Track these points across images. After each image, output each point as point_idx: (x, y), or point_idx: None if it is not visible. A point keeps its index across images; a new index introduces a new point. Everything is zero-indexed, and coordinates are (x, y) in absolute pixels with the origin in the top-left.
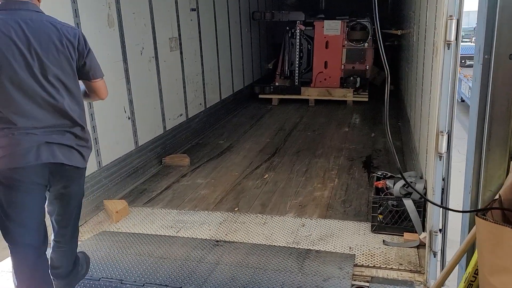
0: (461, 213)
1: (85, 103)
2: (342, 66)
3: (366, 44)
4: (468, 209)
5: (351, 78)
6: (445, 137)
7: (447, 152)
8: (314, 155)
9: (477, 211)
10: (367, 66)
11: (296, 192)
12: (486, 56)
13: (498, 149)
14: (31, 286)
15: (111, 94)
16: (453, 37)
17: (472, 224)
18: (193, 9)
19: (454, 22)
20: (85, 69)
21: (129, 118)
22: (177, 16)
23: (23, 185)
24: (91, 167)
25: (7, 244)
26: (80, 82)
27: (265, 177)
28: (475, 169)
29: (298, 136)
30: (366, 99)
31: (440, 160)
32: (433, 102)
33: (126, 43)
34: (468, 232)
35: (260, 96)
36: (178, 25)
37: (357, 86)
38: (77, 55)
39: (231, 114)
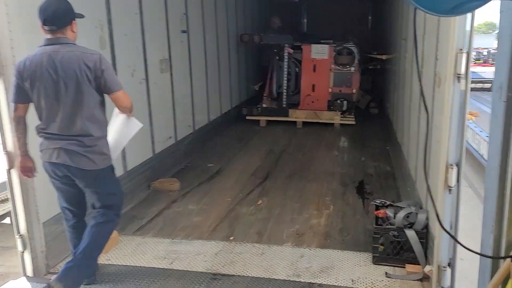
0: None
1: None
2: (330, 89)
3: (352, 69)
4: (490, 251)
5: (338, 101)
6: (455, 169)
7: (457, 185)
8: (307, 180)
9: None
10: (354, 90)
11: (292, 219)
12: (510, 94)
13: None
14: (71, 240)
15: None
16: (463, 70)
17: (495, 266)
18: (183, 31)
19: (464, 55)
20: (102, 85)
21: None
22: (168, 38)
23: (51, 174)
24: None
25: None
26: None
27: (259, 203)
28: (498, 208)
29: (289, 159)
30: (353, 122)
31: (449, 193)
32: (437, 133)
33: (118, 65)
34: (491, 275)
35: (248, 117)
36: (169, 47)
37: (344, 109)
38: (94, 75)
39: (219, 136)
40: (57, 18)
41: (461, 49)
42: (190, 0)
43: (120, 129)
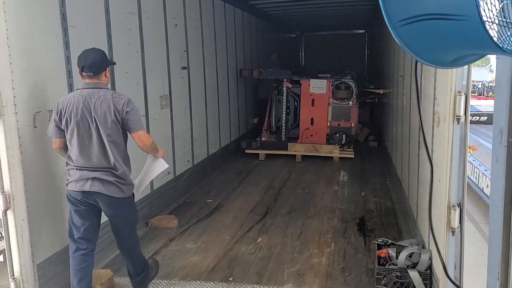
0: None
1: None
2: (328, 123)
3: (350, 103)
4: None
5: (337, 135)
6: (457, 211)
7: (460, 227)
8: (307, 216)
9: None
10: (353, 123)
11: (292, 258)
12: (510, 139)
13: None
14: (78, 271)
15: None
16: (462, 112)
17: None
18: (184, 68)
19: (463, 97)
20: (124, 124)
21: None
22: (169, 74)
23: (79, 203)
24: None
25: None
26: None
27: (258, 241)
28: (504, 254)
29: (289, 195)
30: (352, 156)
31: (453, 235)
32: (438, 173)
33: None
34: None
35: (247, 151)
36: (169, 83)
37: (343, 142)
38: (121, 116)
39: (218, 170)
40: (94, 66)
41: (460, 91)
42: (190, 37)
43: (147, 167)
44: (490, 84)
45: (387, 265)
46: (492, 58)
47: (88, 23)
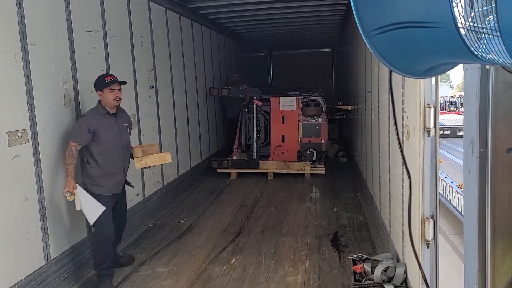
0: None
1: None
2: (299, 140)
3: (320, 119)
4: None
5: (308, 151)
6: (431, 223)
7: (434, 238)
8: (281, 234)
9: None
10: (323, 140)
11: (267, 278)
12: (481, 150)
13: (503, 243)
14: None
15: (64, 177)
16: (432, 124)
17: None
18: (151, 86)
19: (432, 110)
20: None
21: None
22: (136, 93)
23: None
24: (37, 262)
25: None
26: None
27: (232, 261)
28: (480, 265)
29: (261, 213)
30: (323, 172)
31: (427, 247)
32: (409, 186)
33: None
34: None
35: (218, 170)
36: (137, 103)
37: (313, 159)
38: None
39: (189, 190)
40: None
41: (429, 104)
42: (158, 55)
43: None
44: (451, 100)
45: (363, 280)
46: (452, 74)
47: (49, 40)
